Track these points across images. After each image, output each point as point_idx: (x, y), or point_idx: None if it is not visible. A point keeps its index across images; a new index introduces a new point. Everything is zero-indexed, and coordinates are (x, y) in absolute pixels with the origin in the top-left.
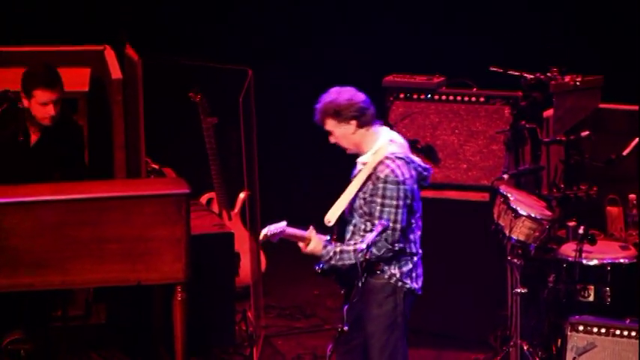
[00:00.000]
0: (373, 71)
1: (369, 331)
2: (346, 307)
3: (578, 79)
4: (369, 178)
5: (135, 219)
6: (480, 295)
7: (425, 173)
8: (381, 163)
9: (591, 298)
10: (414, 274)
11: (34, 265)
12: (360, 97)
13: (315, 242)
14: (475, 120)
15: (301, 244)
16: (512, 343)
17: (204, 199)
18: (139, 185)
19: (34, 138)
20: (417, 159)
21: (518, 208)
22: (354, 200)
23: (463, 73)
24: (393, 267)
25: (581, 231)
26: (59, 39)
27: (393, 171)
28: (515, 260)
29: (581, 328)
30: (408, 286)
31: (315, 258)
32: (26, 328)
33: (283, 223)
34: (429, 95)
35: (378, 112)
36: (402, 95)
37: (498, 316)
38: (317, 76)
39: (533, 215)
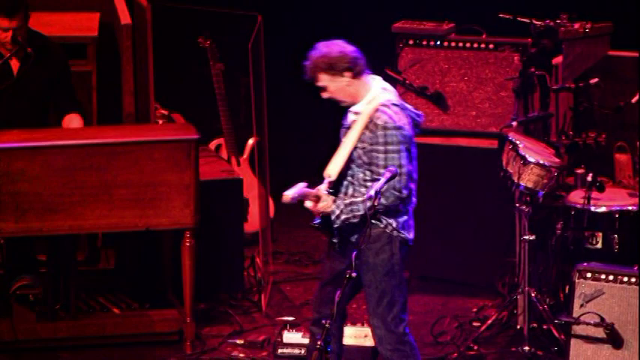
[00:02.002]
0: (383, 18)
1: (367, 279)
2: (355, 252)
3: (588, 25)
4: (365, 127)
5: (144, 164)
6: (488, 241)
7: (418, 119)
8: (377, 110)
9: (599, 245)
10: (407, 225)
11: (43, 210)
12: (351, 48)
13: (326, 199)
14: (484, 67)
15: (310, 203)
16: (520, 290)
17: (213, 145)
18: (148, 131)
19: (15, 67)
20: (409, 105)
21: (526, 155)
22: (352, 151)
23: (472, 20)
24: (390, 217)
25: (589, 178)
26: None
27: (391, 117)
28: (524, 207)
29: (588, 275)
30: (403, 236)
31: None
32: (34, 273)
33: (302, 185)
34: (439, 42)
35: (387, 59)
36: (411, 42)
37: (506, 263)
38: (327, 22)
39: (541, 162)
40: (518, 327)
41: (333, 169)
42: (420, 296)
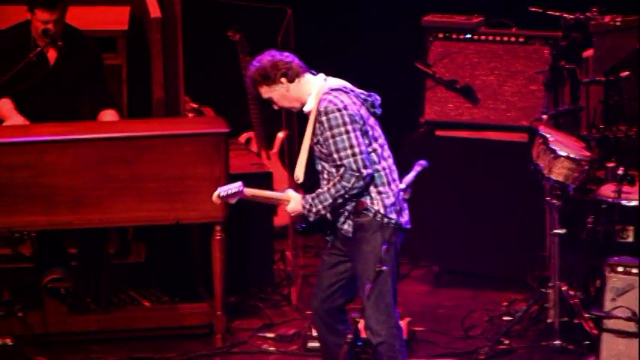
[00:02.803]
0: (413, 11)
1: (359, 269)
2: (385, 246)
3: (618, 19)
4: (315, 121)
5: (174, 158)
6: (519, 235)
7: (370, 99)
8: (320, 102)
9: (630, 239)
10: (397, 208)
11: (73, 203)
12: (280, 54)
13: (294, 200)
14: (514, 60)
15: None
16: (550, 284)
17: (242, 138)
18: (178, 124)
19: (52, 60)
20: (357, 89)
21: (557, 149)
22: (313, 149)
23: (502, 13)
24: (375, 203)
25: (620, 172)
26: None
27: (330, 101)
28: (554, 201)
29: (620, 269)
30: (394, 220)
31: (300, 217)
32: (66, 266)
33: (238, 184)
34: (469, 35)
35: (417, 52)
36: (441, 35)
37: (537, 256)
38: (356, 16)
39: (572, 156)
40: (549, 321)
41: (299, 172)
42: (449, 290)
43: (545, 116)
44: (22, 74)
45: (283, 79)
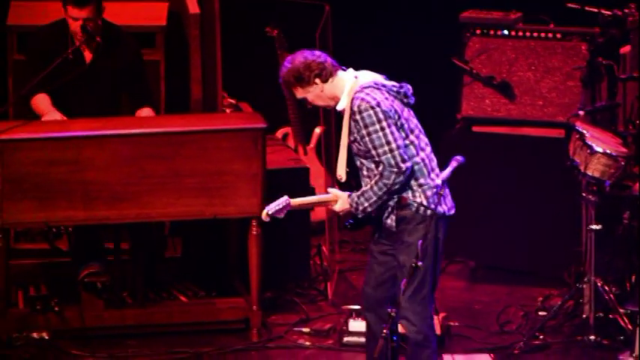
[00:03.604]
0: (451, 7)
1: (401, 260)
2: (420, 242)
3: None
4: (350, 119)
5: (211, 153)
6: (555, 231)
7: (402, 90)
8: (353, 100)
9: None
10: (437, 197)
11: (110, 199)
12: (312, 53)
13: (341, 199)
14: (552, 56)
15: (330, 209)
16: (586, 280)
17: (280, 133)
18: (216, 120)
19: (88, 57)
20: (389, 82)
21: (593, 145)
22: (350, 147)
23: (540, 9)
24: (417, 196)
25: None
26: None
27: (363, 99)
28: (590, 197)
29: None
30: (438, 210)
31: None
32: (102, 260)
33: (284, 198)
34: (506, 31)
35: (454, 48)
36: (478, 31)
37: (573, 252)
38: (395, 12)
39: (608, 152)
40: (584, 316)
41: (341, 171)
42: (486, 285)
43: (582, 112)
44: (59, 71)
45: (317, 80)
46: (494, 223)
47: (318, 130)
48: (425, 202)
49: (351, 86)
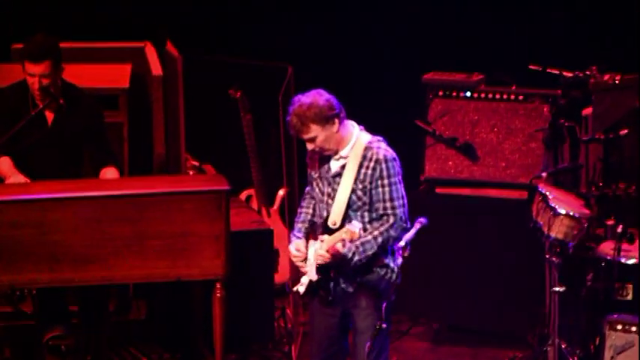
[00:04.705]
0: (413, 69)
1: (361, 327)
2: (385, 304)
3: (617, 77)
4: (359, 167)
5: (175, 215)
6: (518, 293)
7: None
8: (368, 149)
9: (629, 297)
10: (400, 268)
11: (75, 261)
12: (330, 95)
13: (339, 245)
14: (514, 118)
15: (324, 257)
16: (550, 342)
17: (243, 195)
18: (179, 182)
19: (50, 117)
20: None
21: (556, 206)
22: (349, 196)
23: (502, 71)
24: (391, 261)
25: (619, 229)
26: (100, 35)
27: (387, 150)
28: (554, 258)
29: (619, 327)
30: (398, 281)
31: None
32: (66, 323)
33: (306, 278)
34: (469, 93)
35: (417, 110)
36: (440, 93)
37: (536, 314)
38: (356, 75)
39: (571, 213)
40: None
41: (337, 216)
42: (450, 347)
43: (544, 174)
44: (20, 132)
45: (336, 120)
46: (457, 284)
47: (281, 192)
48: (396, 270)
49: (357, 135)
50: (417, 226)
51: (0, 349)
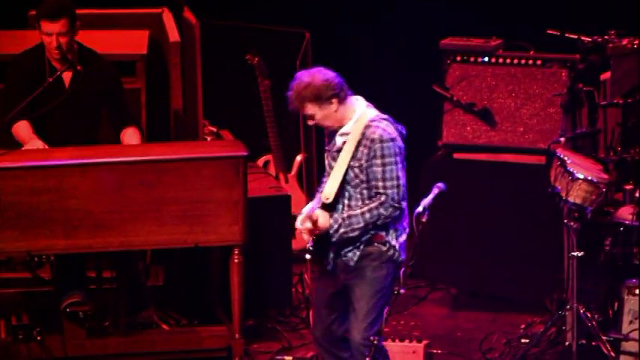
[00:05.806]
0: (431, 34)
1: (358, 294)
2: (402, 269)
3: (636, 41)
4: (357, 144)
5: (192, 181)
6: (537, 258)
7: (403, 132)
8: (368, 127)
9: None
10: (404, 246)
11: (93, 227)
12: (332, 74)
13: (322, 216)
14: (532, 83)
15: (309, 227)
16: (568, 307)
17: (261, 161)
18: (197, 148)
19: (67, 81)
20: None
21: (574, 171)
22: (346, 172)
23: (520, 37)
24: (392, 238)
25: (637, 194)
26: (118, 1)
27: (385, 130)
28: (572, 223)
29: (637, 291)
30: (401, 258)
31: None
32: (84, 290)
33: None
34: (486, 58)
35: (435, 75)
36: (458, 58)
37: (555, 279)
38: (375, 39)
39: (589, 178)
40: (567, 343)
41: (330, 192)
42: (468, 312)
43: (562, 139)
44: (38, 97)
45: (334, 100)
46: (475, 249)
47: (299, 158)
48: (397, 247)
49: (361, 112)
50: (435, 191)
51: (18, 316)
